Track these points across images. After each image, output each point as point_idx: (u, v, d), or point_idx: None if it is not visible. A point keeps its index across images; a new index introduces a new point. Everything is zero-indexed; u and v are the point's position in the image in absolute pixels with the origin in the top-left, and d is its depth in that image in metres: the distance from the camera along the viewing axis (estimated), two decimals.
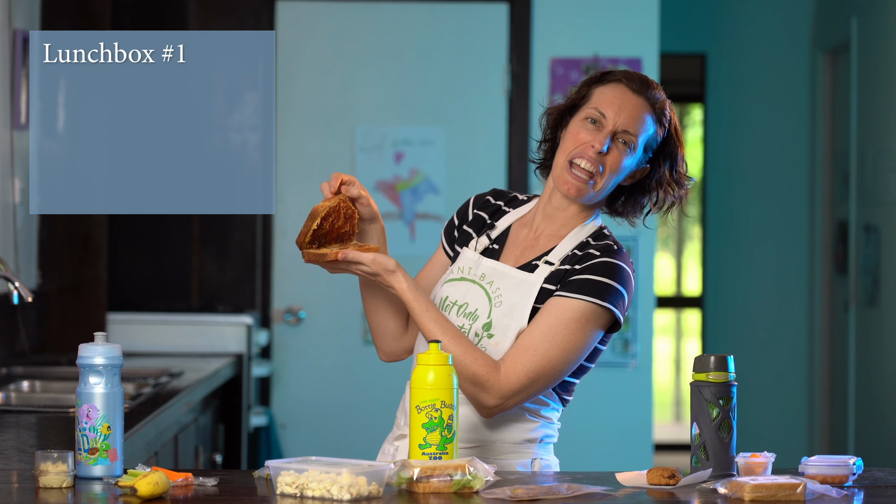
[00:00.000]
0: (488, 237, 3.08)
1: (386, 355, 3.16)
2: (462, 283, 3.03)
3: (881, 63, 6.91)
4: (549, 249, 3.02)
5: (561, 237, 3.03)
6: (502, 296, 2.99)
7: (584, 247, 3.00)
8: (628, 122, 2.97)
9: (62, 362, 5.02)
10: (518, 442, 3.00)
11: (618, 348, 6.32)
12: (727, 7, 8.04)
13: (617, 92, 2.99)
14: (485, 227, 3.11)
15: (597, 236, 3.04)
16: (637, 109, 2.98)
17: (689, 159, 3.16)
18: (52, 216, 5.49)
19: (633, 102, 2.98)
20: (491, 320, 2.97)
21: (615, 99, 2.98)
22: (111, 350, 2.72)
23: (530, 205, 3.12)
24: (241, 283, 6.14)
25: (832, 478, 2.74)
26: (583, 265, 2.95)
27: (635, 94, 2.98)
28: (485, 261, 3.03)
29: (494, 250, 3.06)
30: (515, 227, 3.09)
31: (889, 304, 6.78)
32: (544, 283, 2.97)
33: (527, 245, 3.06)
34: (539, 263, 3.00)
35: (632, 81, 2.99)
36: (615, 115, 2.97)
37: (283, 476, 2.59)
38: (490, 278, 3.01)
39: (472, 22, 6.27)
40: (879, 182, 6.90)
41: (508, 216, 3.11)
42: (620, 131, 2.97)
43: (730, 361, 2.83)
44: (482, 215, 3.13)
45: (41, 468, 2.63)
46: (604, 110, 2.97)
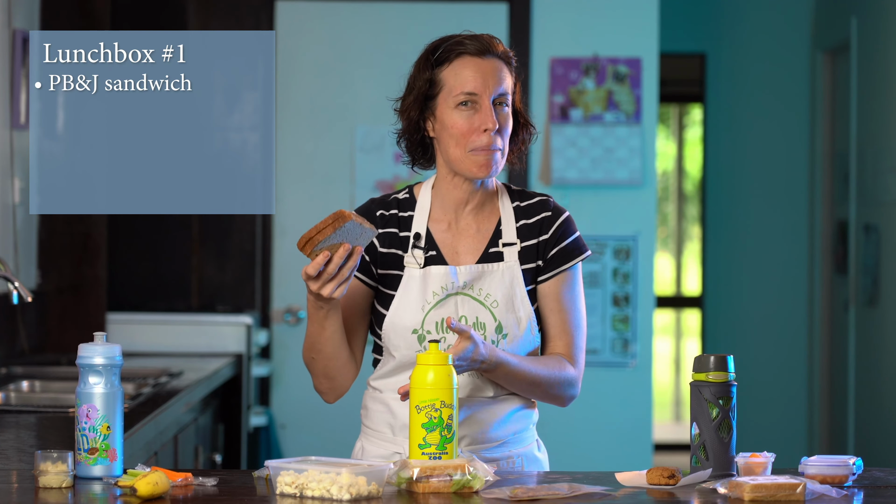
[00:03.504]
0: (419, 248, 3.03)
1: (336, 395, 3.13)
2: (448, 300, 3.00)
3: (881, 63, 6.91)
4: (496, 231, 3.04)
5: (491, 216, 3.05)
6: (492, 294, 2.99)
7: (525, 213, 3.05)
8: (497, 85, 2.97)
9: (62, 362, 5.02)
10: (526, 429, 3.07)
11: (618, 348, 6.32)
12: (727, 7, 8.04)
13: (469, 65, 2.97)
14: (406, 240, 3.04)
15: (518, 196, 3.08)
16: (496, 70, 2.98)
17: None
18: (52, 216, 5.49)
19: (489, 66, 2.98)
20: (499, 322, 2.97)
21: (474, 73, 2.97)
22: (111, 350, 2.72)
23: (422, 200, 3.07)
24: (240, 283, 6.14)
25: (832, 478, 2.74)
26: (551, 234, 3.04)
27: (485, 57, 2.98)
28: (459, 269, 3.01)
29: (435, 257, 3.03)
30: (432, 227, 3.05)
31: (889, 303, 6.78)
32: (522, 266, 3.02)
33: (466, 237, 3.04)
34: (501, 250, 3.02)
35: (476, 49, 2.98)
36: (483, 87, 2.97)
37: (282, 476, 2.59)
38: (471, 284, 3.00)
39: (472, 22, 6.27)
40: (879, 182, 6.90)
41: (416, 220, 3.05)
42: (496, 99, 2.98)
43: (730, 361, 2.83)
44: (390, 231, 3.05)
45: (41, 468, 2.63)
46: (471, 90, 2.96)
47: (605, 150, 6.30)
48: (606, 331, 6.32)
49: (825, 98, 7.80)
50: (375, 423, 3.07)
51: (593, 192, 6.33)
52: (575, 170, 6.30)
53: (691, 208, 10.84)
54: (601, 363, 6.32)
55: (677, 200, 10.88)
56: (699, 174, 8.20)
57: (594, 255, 6.32)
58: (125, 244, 6.08)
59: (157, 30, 5.88)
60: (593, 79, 6.30)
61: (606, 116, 6.30)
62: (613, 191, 6.32)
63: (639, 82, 6.29)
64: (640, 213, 6.33)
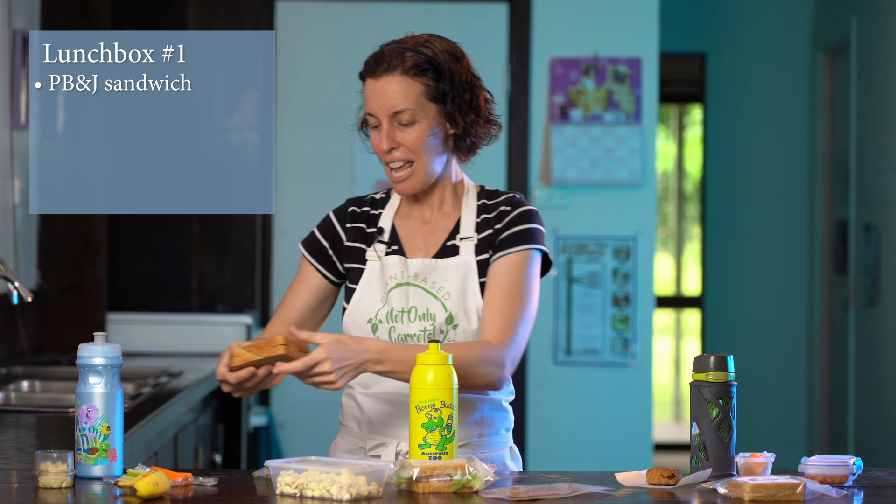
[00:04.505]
0: (382, 242, 3.06)
1: None
2: (399, 289, 3.02)
3: (881, 63, 6.91)
4: (454, 228, 3.05)
5: (455, 212, 3.06)
6: (444, 287, 3.00)
7: (488, 209, 3.05)
8: (388, 105, 2.97)
9: (62, 362, 5.02)
10: (496, 433, 3.06)
11: (618, 348, 6.32)
12: (727, 7, 8.04)
13: (368, 88, 3.01)
14: (371, 235, 3.08)
15: (488, 195, 3.07)
16: (386, 89, 2.98)
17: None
18: (52, 216, 5.49)
19: (381, 87, 2.98)
20: (450, 312, 2.98)
21: (370, 96, 3.00)
22: (111, 350, 2.72)
23: (394, 199, 3.11)
24: (240, 283, 6.14)
25: (832, 478, 2.74)
26: (503, 223, 3.02)
27: (378, 78, 2.99)
28: (411, 261, 3.03)
29: (397, 251, 3.06)
30: (399, 224, 3.09)
31: (889, 303, 6.78)
32: (477, 257, 3.01)
33: (426, 233, 3.06)
34: (457, 244, 3.03)
35: (370, 71, 3.01)
36: (377, 108, 2.99)
37: (282, 476, 2.59)
38: (423, 275, 3.01)
39: (472, 22, 6.27)
40: (879, 182, 6.90)
41: (384, 217, 3.09)
42: (391, 118, 2.98)
43: (729, 361, 2.83)
44: (358, 226, 3.10)
45: (41, 468, 2.63)
46: (369, 112, 3.01)
47: (605, 150, 6.30)
48: (606, 331, 6.32)
49: (825, 98, 7.80)
50: (346, 418, 3.10)
51: (593, 192, 6.33)
52: (575, 170, 6.30)
53: (691, 208, 10.85)
54: (601, 363, 6.32)
55: (677, 200, 10.88)
56: (699, 174, 8.20)
57: (594, 254, 6.32)
58: (125, 244, 6.08)
59: (157, 30, 5.88)
60: (593, 79, 6.30)
61: (606, 116, 6.30)
62: (613, 191, 6.32)
63: (639, 82, 6.29)
64: (640, 213, 6.33)
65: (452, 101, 2.99)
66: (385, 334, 3.00)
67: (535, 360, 6.31)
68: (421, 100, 2.97)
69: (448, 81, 2.99)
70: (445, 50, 3.01)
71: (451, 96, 2.99)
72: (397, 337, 2.98)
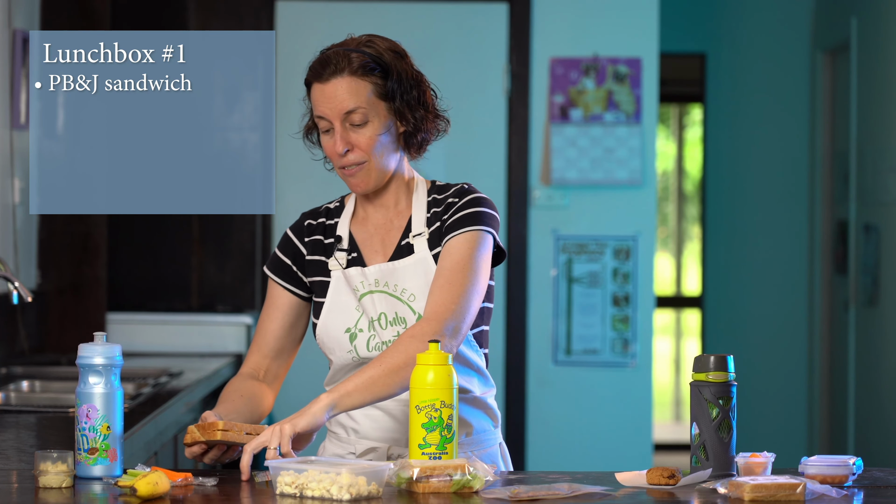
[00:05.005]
0: (342, 250, 3.06)
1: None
2: (367, 297, 3.01)
3: (881, 63, 6.91)
4: (407, 226, 3.04)
5: (406, 212, 3.05)
6: (407, 288, 3.00)
7: (438, 203, 3.04)
8: (339, 106, 2.96)
9: (62, 362, 5.02)
10: (487, 430, 3.05)
11: (618, 348, 6.32)
12: (727, 7, 8.04)
13: (316, 92, 2.98)
14: (330, 246, 3.08)
15: (438, 189, 3.06)
16: (335, 91, 2.96)
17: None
18: (52, 216, 5.49)
19: (330, 89, 2.96)
20: (419, 314, 2.98)
21: (318, 99, 2.98)
22: (111, 350, 2.72)
23: (349, 205, 3.11)
24: (240, 283, 6.14)
25: (832, 478, 2.74)
26: (451, 211, 3.00)
27: (326, 81, 2.97)
28: (368, 269, 3.02)
29: (357, 258, 3.05)
30: (355, 230, 3.08)
31: (889, 303, 6.78)
32: (431, 252, 3.00)
33: (382, 235, 3.06)
34: (411, 241, 3.02)
35: (317, 75, 2.99)
36: (329, 111, 2.96)
37: (282, 476, 2.59)
38: (384, 280, 3.01)
39: (472, 22, 6.27)
40: (879, 182, 6.90)
41: (340, 225, 3.09)
42: (342, 120, 2.97)
43: (729, 361, 2.83)
44: (315, 239, 3.10)
45: (41, 468, 2.63)
46: (319, 115, 2.98)
47: (605, 150, 6.30)
48: (606, 331, 6.32)
49: (825, 98, 7.80)
50: (333, 424, 3.11)
51: (593, 192, 6.33)
52: (575, 170, 6.30)
53: (691, 208, 10.85)
54: (601, 363, 6.32)
55: (677, 200, 10.88)
56: (699, 174, 8.20)
57: (594, 254, 6.33)
58: (125, 244, 6.08)
59: (157, 30, 5.89)
60: (593, 79, 6.30)
61: (606, 116, 6.30)
62: (613, 191, 6.32)
63: (639, 82, 6.29)
64: (640, 213, 6.33)
65: (401, 97, 2.99)
66: (363, 343, 3.00)
67: (535, 360, 6.31)
68: (371, 98, 2.96)
69: (395, 79, 2.98)
70: (389, 48, 3.00)
71: (399, 93, 2.98)
72: (375, 345, 2.98)
